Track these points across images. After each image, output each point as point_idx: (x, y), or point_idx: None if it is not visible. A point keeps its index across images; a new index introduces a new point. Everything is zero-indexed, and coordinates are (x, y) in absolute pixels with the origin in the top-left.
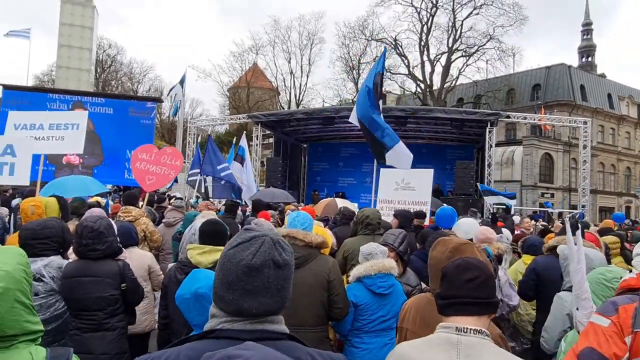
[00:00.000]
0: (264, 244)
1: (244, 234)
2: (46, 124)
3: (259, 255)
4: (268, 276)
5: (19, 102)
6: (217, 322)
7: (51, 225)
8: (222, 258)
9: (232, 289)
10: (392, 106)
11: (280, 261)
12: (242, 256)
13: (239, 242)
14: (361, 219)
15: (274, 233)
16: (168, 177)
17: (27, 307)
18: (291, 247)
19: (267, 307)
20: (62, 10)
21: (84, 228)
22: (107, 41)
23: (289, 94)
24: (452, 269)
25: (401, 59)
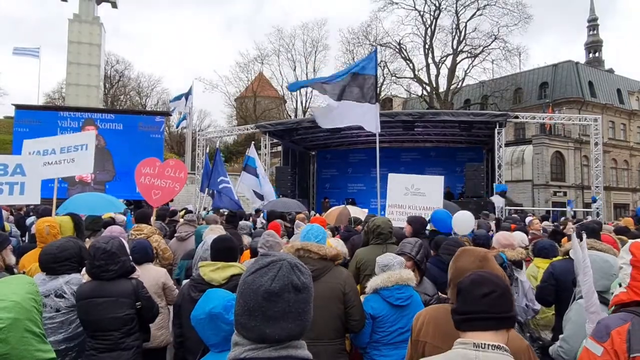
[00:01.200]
0: (282, 269)
1: (262, 260)
2: (57, 149)
3: (278, 280)
4: (288, 300)
5: (31, 122)
6: (242, 351)
7: (69, 246)
8: (241, 285)
9: (253, 315)
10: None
11: (299, 284)
12: (261, 282)
13: (257, 268)
14: (372, 228)
15: (291, 257)
16: (174, 190)
17: (37, 336)
18: (309, 270)
19: (289, 332)
20: (70, 29)
21: (96, 250)
22: (115, 57)
23: (296, 102)
24: (467, 284)
25: (406, 62)
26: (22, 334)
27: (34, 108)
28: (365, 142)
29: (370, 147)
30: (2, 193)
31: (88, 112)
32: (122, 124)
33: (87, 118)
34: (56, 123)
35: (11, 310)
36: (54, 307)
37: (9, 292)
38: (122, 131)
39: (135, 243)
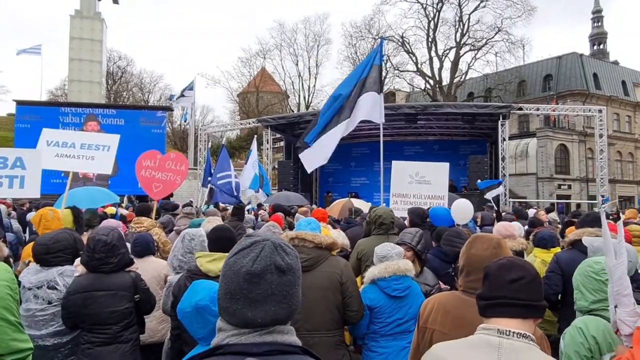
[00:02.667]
0: (265, 249)
1: (245, 241)
2: (78, 144)
3: (260, 261)
4: (271, 282)
5: (32, 118)
6: (224, 337)
7: (62, 237)
8: (223, 267)
9: (235, 298)
10: (401, 104)
11: (283, 265)
12: (242, 263)
13: (239, 249)
14: (374, 218)
15: (276, 237)
16: (174, 183)
17: (12, 325)
18: (296, 251)
19: (273, 315)
20: (71, 25)
21: (97, 242)
22: (117, 53)
23: (298, 96)
24: (495, 269)
25: (409, 56)
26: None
27: (35, 104)
28: (368, 135)
29: (373, 140)
30: (2, 186)
31: (90, 108)
32: (124, 119)
33: (89, 114)
34: (58, 119)
35: None
36: (46, 298)
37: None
38: (123, 126)
39: (137, 236)
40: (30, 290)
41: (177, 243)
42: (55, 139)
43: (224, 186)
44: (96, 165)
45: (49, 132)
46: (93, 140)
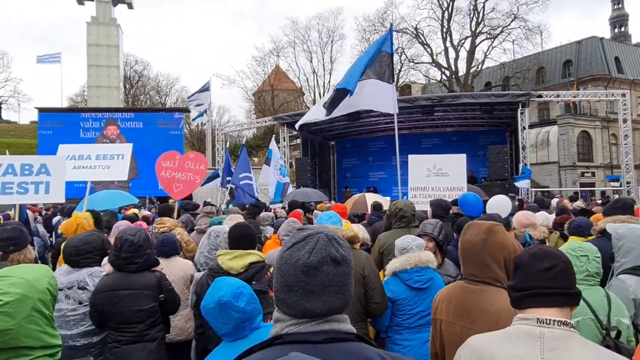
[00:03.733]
0: (319, 242)
1: (298, 234)
2: (93, 155)
3: (316, 253)
4: (327, 274)
5: (54, 124)
6: (283, 327)
7: (92, 239)
8: (278, 261)
9: (292, 290)
10: (417, 96)
11: (338, 257)
12: (298, 256)
13: (294, 243)
14: (394, 211)
15: (328, 230)
16: (194, 183)
17: (46, 318)
18: (347, 243)
19: (331, 305)
20: (88, 32)
21: (124, 242)
22: (133, 57)
23: (313, 93)
24: (527, 258)
25: (424, 47)
26: (30, 312)
27: (56, 110)
28: (384, 129)
29: (390, 134)
30: (28, 192)
31: (109, 112)
32: (142, 122)
33: (108, 118)
34: (79, 124)
35: (20, 286)
36: (76, 299)
37: (22, 273)
38: (142, 129)
39: (164, 236)
40: (61, 290)
41: (204, 240)
42: (72, 153)
43: (246, 187)
44: (112, 173)
45: (65, 148)
46: (107, 151)
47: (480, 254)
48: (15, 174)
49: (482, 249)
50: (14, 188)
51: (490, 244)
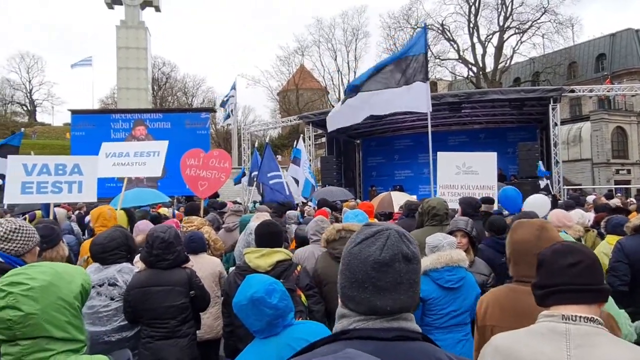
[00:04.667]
0: (390, 238)
1: (367, 229)
2: (132, 152)
3: (387, 250)
4: (399, 271)
5: (86, 125)
6: (350, 322)
7: (116, 236)
8: (346, 256)
9: (362, 287)
10: (444, 93)
11: (409, 254)
12: (369, 252)
13: (363, 238)
14: (427, 209)
15: (397, 226)
16: (219, 180)
17: (74, 309)
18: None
19: (402, 304)
20: (117, 35)
21: (155, 239)
22: (161, 60)
23: (338, 91)
24: (550, 254)
25: (450, 43)
26: (56, 300)
27: (88, 112)
28: (410, 127)
29: (416, 132)
30: (62, 191)
31: (138, 113)
32: (170, 123)
33: (137, 119)
34: (109, 125)
35: (49, 275)
36: (108, 295)
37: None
38: (170, 129)
39: (192, 233)
40: (93, 288)
41: (242, 237)
42: (112, 151)
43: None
44: (147, 169)
45: (107, 146)
46: (144, 148)
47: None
48: (50, 173)
49: (536, 248)
50: (48, 187)
51: (544, 241)
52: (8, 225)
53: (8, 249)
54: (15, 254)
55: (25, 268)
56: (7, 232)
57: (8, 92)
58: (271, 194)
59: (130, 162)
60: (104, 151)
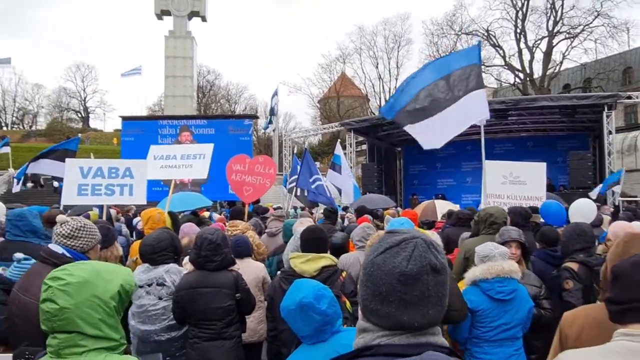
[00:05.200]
0: (417, 247)
1: (391, 238)
2: (178, 155)
3: (414, 261)
4: (427, 284)
5: (135, 131)
6: (374, 337)
7: (164, 237)
8: (368, 266)
9: (387, 300)
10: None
11: (437, 265)
12: (394, 263)
13: (387, 247)
14: (484, 217)
15: (423, 234)
16: (264, 186)
17: (108, 308)
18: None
19: (430, 318)
20: (166, 45)
21: (203, 240)
22: (206, 68)
23: (379, 99)
24: (628, 267)
25: (495, 49)
26: (90, 297)
27: (137, 118)
28: None
29: (459, 140)
30: (114, 194)
31: (183, 120)
32: (214, 129)
33: (182, 125)
34: (157, 131)
35: (87, 272)
36: (156, 294)
37: (96, 264)
38: (214, 135)
39: (238, 237)
40: (142, 287)
41: (291, 241)
42: (160, 153)
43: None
44: (194, 171)
45: (155, 148)
46: (191, 151)
47: None
48: (104, 176)
49: None
50: (102, 190)
51: None
52: (74, 224)
53: (74, 246)
54: (81, 250)
55: (69, 265)
56: (73, 230)
57: (65, 100)
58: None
59: (177, 164)
60: (152, 154)
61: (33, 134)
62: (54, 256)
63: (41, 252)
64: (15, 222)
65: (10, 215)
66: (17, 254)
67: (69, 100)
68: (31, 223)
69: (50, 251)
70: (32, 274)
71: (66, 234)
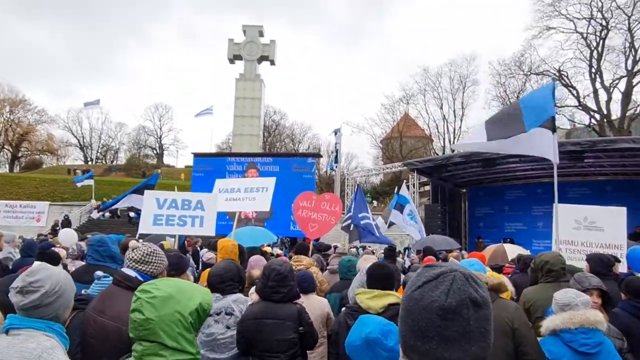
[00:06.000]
0: (456, 281)
1: (428, 271)
2: (242, 188)
3: (453, 294)
4: (468, 318)
5: (205, 167)
6: None
7: (230, 267)
8: (406, 301)
9: (426, 336)
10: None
11: (478, 299)
12: (432, 297)
13: (425, 281)
14: (540, 264)
15: (462, 267)
16: (329, 223)
17: (187, 323)
18: (484, 283)
19: (473, 356)
20: (236, 87)
21: (271, 270)
22: (272, 108)
23: (443, 139)
24: None
25: (568, 90)
26: (173, 312)
27: (208, 155)
28: (523, 177)
29: (529, 182)
30: (186, 225)
31: (250, 157)
32: (279, 166)
33: (249, 162)
34: (225, 167)
35: (171, 288)
36: (224, 323)
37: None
38: (278, 172)
39: (303, 273)
40: (210, 316)
41: (357, 277)
42: (225, 187)
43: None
44: (257, 204)
45: (220, 182)
46: (254, 184)
47: None
48: (177, 208)
49: None
50: (175, 220)
51: None
52: (144, 249)
53: (145, 270)
54: (150, 274)
55: (157, 280)
56: (144, 255)
57: (143, 137)
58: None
59: (241, 197)
60: (217, 187)
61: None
62: (126, 279)
63: (115, 275)
64: (96, 247)
65: (92, 240)
66: (97, 272)
67: (147, 138)
68: (110, 249)
69: (124, 274)
70: (106, 296)
71: (137, 258)
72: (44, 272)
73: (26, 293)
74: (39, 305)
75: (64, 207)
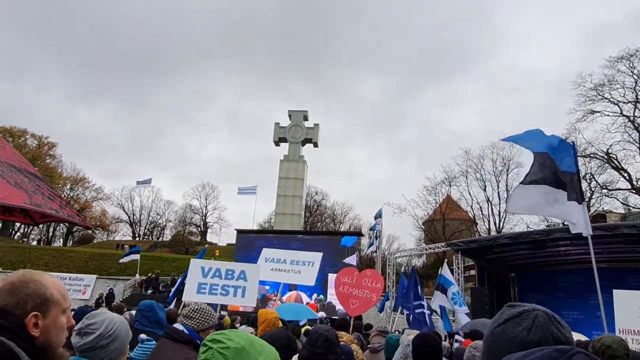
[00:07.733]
0: (538, 319)
1: (510, 310)
2: (289, 260)
3: (535, 331)
4: None
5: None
6: None
7: (279, 337)
8: (488, 338)
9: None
10: (617, 223)
11: (561, 338)
12: (514, 332)
13: (507, 318)
14: (600, 349)
15: (545, 308)
16: (370, 300)
17: None
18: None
19: None
20: (280, 167)
21: (319, 336)
22: (314, 189)
23: (487, 222)
24: None
25: (618, 172)
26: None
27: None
28: (578, 261)
29: (584, 267)
30: (229, 294)
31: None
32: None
33: None
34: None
35: (244, 341)
36: None
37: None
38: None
39: (343, 346)
40: None
41: (399, 349)
42: (271, 256)
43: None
44: (302, 277)
45: (268, 251)
46: (300, 257)
47: None
48: (221, 277)
49: None
50: (218, 290)
51: None
52: (192, 306)
53: (189, 325)
54: (194, 329)
55: (227, 330)
56: (190, 311)
57: (189, 215)
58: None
59: (287, 268)
60: (264, 256)
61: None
62: (174, 332)
63: (167, 329)
64: (145, 313)
65: (141, 306)
66: (141, 335)
67: (192, 216)
68: (157, 314)
69: (173, 328)
70: (158, 347)
71: (185, 314)
72: (101, 316)
73: (83, 335)
74: (94, 347)
75: (109, 281)
